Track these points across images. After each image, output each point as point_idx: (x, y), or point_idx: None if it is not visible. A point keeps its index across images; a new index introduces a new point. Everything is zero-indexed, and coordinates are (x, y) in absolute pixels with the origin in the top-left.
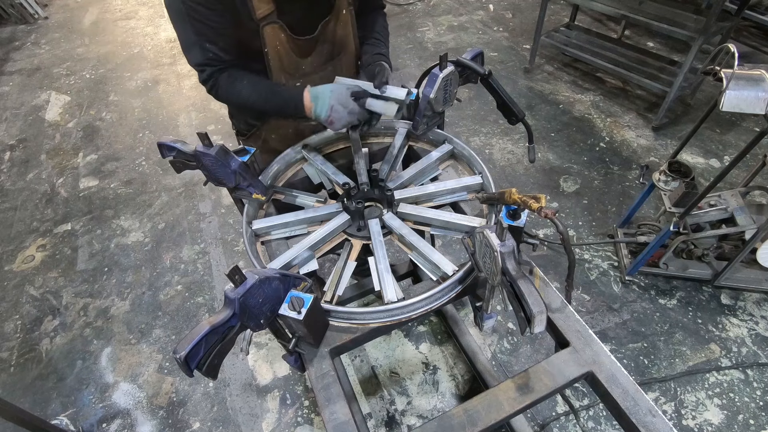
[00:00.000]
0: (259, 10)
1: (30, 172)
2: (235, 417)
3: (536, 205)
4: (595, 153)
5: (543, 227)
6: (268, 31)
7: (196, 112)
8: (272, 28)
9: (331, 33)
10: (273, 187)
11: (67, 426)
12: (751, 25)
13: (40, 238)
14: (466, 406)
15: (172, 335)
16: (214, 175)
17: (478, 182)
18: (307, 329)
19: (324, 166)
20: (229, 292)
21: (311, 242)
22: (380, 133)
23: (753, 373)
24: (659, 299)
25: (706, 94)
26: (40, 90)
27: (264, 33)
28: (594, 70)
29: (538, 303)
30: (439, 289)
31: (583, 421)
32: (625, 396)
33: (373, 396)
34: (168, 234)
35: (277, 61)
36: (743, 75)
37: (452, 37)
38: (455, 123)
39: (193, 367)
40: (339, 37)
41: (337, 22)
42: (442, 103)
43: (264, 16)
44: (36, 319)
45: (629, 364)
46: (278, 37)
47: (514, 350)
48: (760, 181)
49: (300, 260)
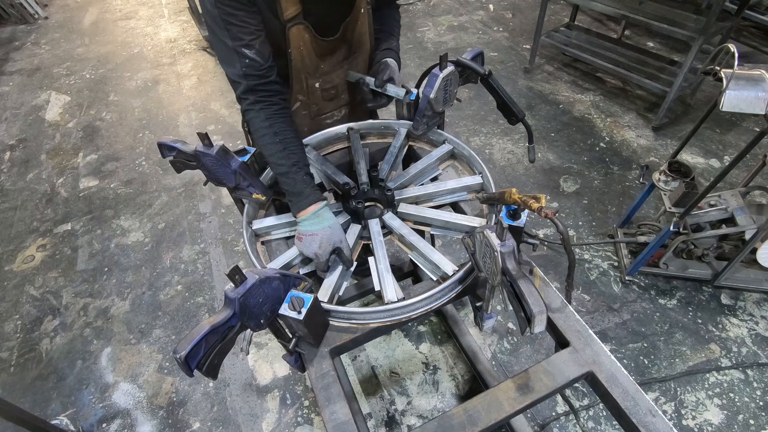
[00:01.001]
0: (287, 11)
1: (30, 172)
2: (235, 417)
3: (536, 205)
4: (595, 153)
5: (543, 227)
6: (293, 32)
7: (196, 112)
8: (298, 29)
9: (351, 33)
10: (273, 187)
11: (67, 426)
12: (751, 25)
13: (40, 238)
14: (466, 406)
15: (172, 335)
16: (214, 175)
17: (478, 182)
18: (307, 329)
19: (324, 166)
20: (229, 292)
21: None
22: (380, 133)
23: (753, 373)
24: (659, 299)
25: (706, 94)
26: (40, 90)
27: (290, 34)
28: (594, 70)
29: (538, 303)
30: (439, 289)
31: (583, 421)
32: (625, 396)
33: (373, 396)
34: (168, 234)
35: (299, 62)
36: (743, 75)
37: (452, 37)
38: (455, 123)
39: (193, 367)
40: (357, 36)
41: (357, 21)
42: (442, 103)
43: (292, 17)
44: (36, 319)
45: (629, 364)
46: (302, 38)
47: (514, 350)
48: (760, 181)
49: (300, 260)
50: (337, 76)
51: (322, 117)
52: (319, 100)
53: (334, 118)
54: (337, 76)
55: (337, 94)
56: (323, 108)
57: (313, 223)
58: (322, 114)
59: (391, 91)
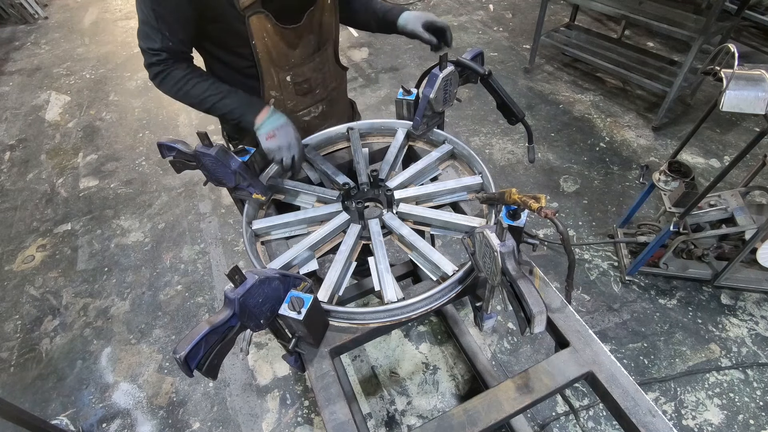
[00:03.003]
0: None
1: (30, 172)
2: (235, 417)
3: (536, 205)
4: (595, 153)
5: (543, 227)
6: (254, 22)
7: (196, 112)
8: (258, 18)
9: (317, 22)
10: (273, 187)
11: (67, 426)
12: (751, 25)
13: (40, 238)
14: (466, 406)
15: (172, 335)
16: (214, 175)
17: (478, 182)
18: (307, 329)
19: (324, 166)
20: (229, 292)
21: (311, 242)
22: (380, 133)
23: (753, 373)
24: (659, 299)
25: (706, 94)
26: (40, 90)
27: (250, 24)
28: (594, 70)
29: (538, 303)
30: (439, 289)
31: (583, 421)
32: (625, 396)
33: (373, 396)
34: (168, 234)
35: (266, 54)
36: (743, 75)
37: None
38: (455, 123)
39: (193, 367)
40: (325, 26)
41: (323, 10)
42: (442, 103)
43: (249, 5)
44: (36, 319)
45: (629, 364)
46: (265, 28)
47: (514, 350)
48: (760, 181)
49: (300, 260)
50: (310, 70)
51: (299, 114)
52: (292, 95)
53: (312, 114)
54: (310, 70)
55: (311, 88)
56: (298, 104)
57: (276, 118)
58: (297, 110)
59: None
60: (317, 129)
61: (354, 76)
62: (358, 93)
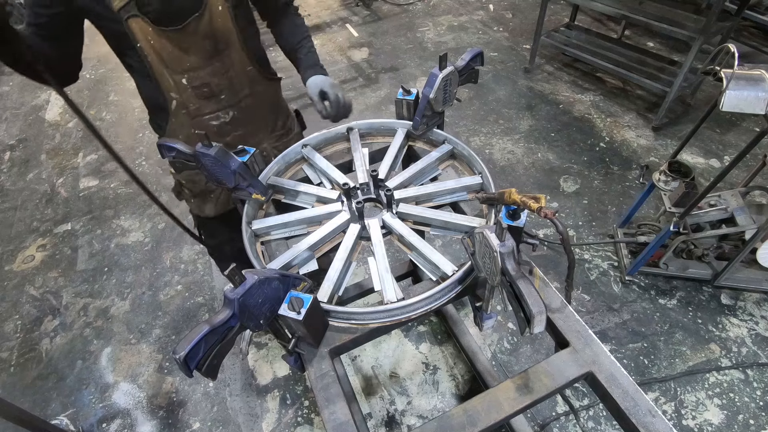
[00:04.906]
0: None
1: (30, 172)
2: (235, 417)
3: (536, 205)
4: (595, 153)
5: (543, 227)
6: (133, 25)
7: None
8: (136, 21)
9: (207, 27)
10: (273, 187)
11: (67, 426)
12: (751, 25)
13: (40, 238)
14: (466, 406)
15: (172, 335)
16: (213, 175)
17: (477, 182)
18: (306, 329)
19: (324, 166)
20: (229, 293)
21: (311, 242)
22: (380, 133)
23: (753, 373)
24: (659, 299)
25: (706, 94)
26: (40, 90)
27: (130, 27)
28: (594, 70)
29: (537, 303)
30: (438, 289)
31: (583, 421)
32: (625, 396)
33: (373, 396)
34: (168, 234)
35: (156, 56)
36: (743, 75)
37: (452, 37)
38: (455, 123)
39: (193, 368)
40: (219, 32)
41: (214, 16)
42: (442, 103)
43: (122, 7)
44: (36, 319)
45: (629, 364)
46: (147, 31)
47: (514, 350)
48: (760, 181)
49: (300, 260)
50: (209, 74)
51: (205, 117)
52: (192, 98)
53: (220, 119)
54: (209, 74)
55: (214, 93)
56: (202, 108)
57: None
58: (203, 114)
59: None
60: (230, 135)
61: (354, 76)
62: (358, 93)
